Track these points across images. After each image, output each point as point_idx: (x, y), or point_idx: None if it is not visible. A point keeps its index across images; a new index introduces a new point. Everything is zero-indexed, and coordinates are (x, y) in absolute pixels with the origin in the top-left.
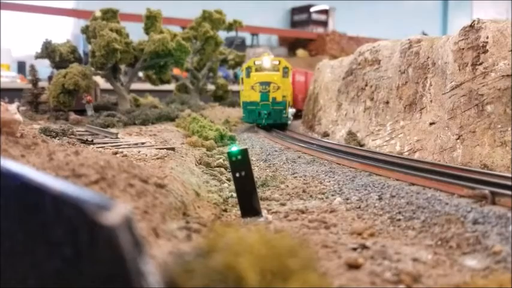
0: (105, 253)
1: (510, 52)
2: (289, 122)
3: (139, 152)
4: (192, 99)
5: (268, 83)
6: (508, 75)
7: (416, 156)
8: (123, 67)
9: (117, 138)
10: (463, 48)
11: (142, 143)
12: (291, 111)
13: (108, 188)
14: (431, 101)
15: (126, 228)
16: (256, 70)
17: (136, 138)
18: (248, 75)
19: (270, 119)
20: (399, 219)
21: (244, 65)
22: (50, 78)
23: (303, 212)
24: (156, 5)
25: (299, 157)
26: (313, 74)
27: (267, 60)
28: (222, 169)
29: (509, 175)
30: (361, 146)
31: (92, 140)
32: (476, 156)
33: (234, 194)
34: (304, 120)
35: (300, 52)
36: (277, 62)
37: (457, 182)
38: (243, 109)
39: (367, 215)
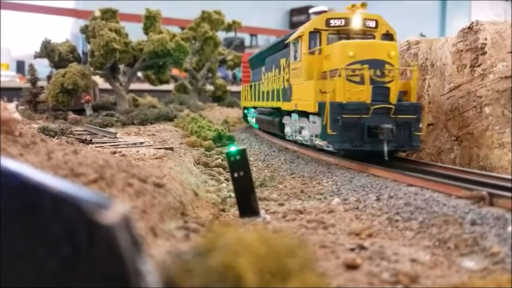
0: (103, 252)
1: (508, 54)
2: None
3: (137, 151)
4: (191, 100)
5: (380, 63)
6: (506, 77)
7: (414, 157)
8: (122, 67)
9: (115, 137)
10: (461, 50)
11: (141, 143)
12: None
13: (106, 187)
14: (429, 102)
15: (124, 227)
16: (331, 39)
17: (135, 138)
18: (314, 47)
19: (395, 142)
20: (397, 220)
21: (305, 27)
22: (49, 77)
23: (301, 212)
24: (155, 5)
25: (297, 157)
26: None
27: (358, 18)
28: (221, 169)
29: (507, 176)
30: None
31: (91, 140)
32: (474, 157)
33: (233, 194)
34: None
35: None
36: (373, 24)
37: (455, 183)
38: (331, 121)
39: (365, 215)
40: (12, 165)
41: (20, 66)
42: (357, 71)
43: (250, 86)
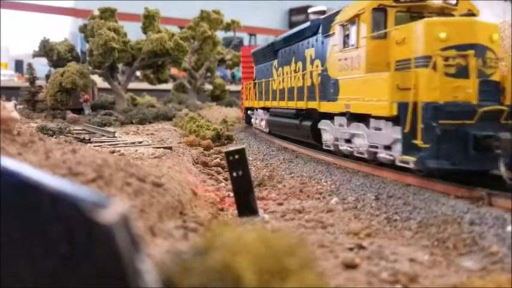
0: (102, 251)
1: (507, 54)
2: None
3: (136, 150)
4: (190, 99)
5: (482, 49)
6: None
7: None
8: (120, 66)
9: (114, 137)
10: None
11: (140, 142)
12: None
13: (105, 186)
14: None
15: (123, 226)
16: (399, 19)
17: (134, 137)
18: (378, 29)
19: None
20: (396, 220)
21: (363, 3)
22: (47, 76)
23: (300, 212)
24: (154, 4)
25: (296, 157)
26: None
27: None
28: (219, 168)
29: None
30: None
31: (89, 139)
32: None
33: (231, 194)
34: None
35: None
36: (453, 0)
37: (454, 183)
38: (424, 129)
39: (363, 215)
40: (11, 164)
41: (18, 65)
42: (451, 60)
43: (258, 83)
